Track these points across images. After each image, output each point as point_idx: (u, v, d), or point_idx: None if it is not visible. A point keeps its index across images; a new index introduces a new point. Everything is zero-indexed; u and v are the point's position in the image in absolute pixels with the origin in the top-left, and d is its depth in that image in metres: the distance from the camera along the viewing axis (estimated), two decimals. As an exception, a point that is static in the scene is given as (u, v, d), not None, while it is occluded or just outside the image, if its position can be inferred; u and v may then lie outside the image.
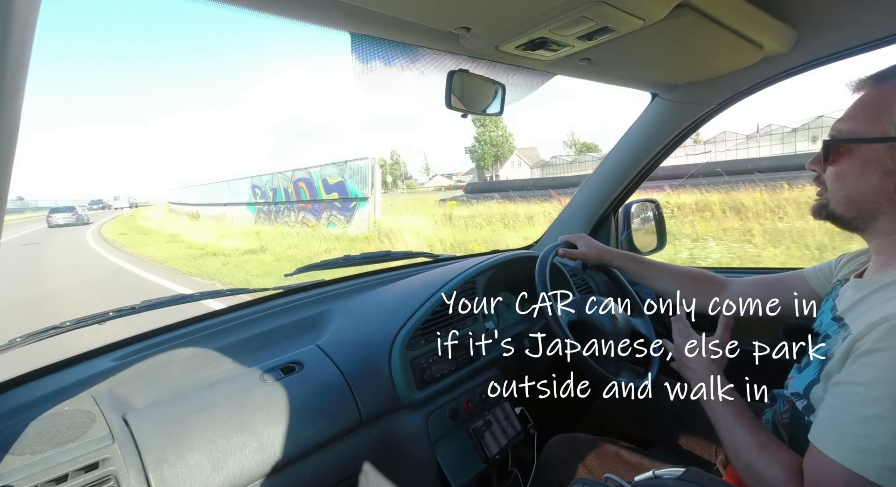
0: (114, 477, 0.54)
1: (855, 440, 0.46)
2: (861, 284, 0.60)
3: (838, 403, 0.50)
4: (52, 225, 20.70)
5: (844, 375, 0.50)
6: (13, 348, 0.69)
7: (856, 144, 0.56)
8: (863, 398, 0.47)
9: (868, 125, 0.55)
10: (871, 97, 0.56)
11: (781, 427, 0.63)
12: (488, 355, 1.00)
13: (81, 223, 21.44)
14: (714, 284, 0.94)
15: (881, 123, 0.53)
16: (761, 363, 1.16)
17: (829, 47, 0.88)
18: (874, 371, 0.47)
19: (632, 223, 1.44)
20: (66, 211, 21.85)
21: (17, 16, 0.30)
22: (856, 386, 0.48)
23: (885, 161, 0.53)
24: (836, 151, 0.58)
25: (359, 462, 0.77)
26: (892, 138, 0.53)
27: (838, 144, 0.57)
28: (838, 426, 0.49)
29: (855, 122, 0.56)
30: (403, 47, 0.79)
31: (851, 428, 0.47)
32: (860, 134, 0.55)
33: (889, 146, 0.53)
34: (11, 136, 0.35)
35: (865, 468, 0.45)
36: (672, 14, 0.69)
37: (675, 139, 1.23)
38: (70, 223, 20.96)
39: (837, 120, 0.59)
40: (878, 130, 0.54)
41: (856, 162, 0.56)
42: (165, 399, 0.66)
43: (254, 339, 0.85)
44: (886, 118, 0.53)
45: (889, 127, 0.53)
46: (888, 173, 0.53)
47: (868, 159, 0.55)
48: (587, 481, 0.45)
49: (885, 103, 0.54)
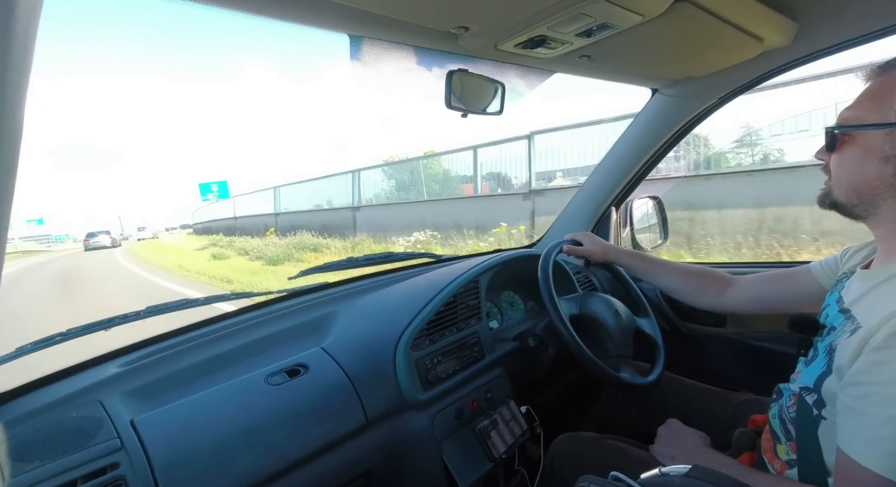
0: (123, 483, 0.55)
1: (883, 443, 0.45)
2: (868, 275, 0.59)
3: (859, 406, 0.49)
4: (88, 248, 22.85)
5: (858, 374, 0.50)
6: (21, 355, 0.70)
7: (857, 130, 0.56)
8: (884, 398, 0.46)
9: (870, 112, 0.55)
10: (876, 85, 0.56)
11: (788, 422, 0.63)
12: (493, 354, 1.00)
13: (114, 246, 23.38)
14: (720, 281, 0.94)
15: (882, 110, 0.54)
16: (764, 359, 1.16)
17: (829, 39, 0.88)
18: (891, 369, 0.46)
19: (634, 220, 1.44)
20: (101, 234, 24.30)
21: (19, 23, 0.30)
22: (874, 386, 0.47)
23: (885, 147, 0.54)
24: (839, 138, 0.58)
25: (366, 463, 0.77)
26: (889, 124, 0.53)
27: (841, 132, 0.58)
28: (863, 430, 0.47)
29: (860, 109, 0.57)
30: (402, 48, 0.79)
31: (877, 431, 0.46)
32: (863, 121, 0.56)
33: (888, 132, 0.53)
34: (14, 142, 0.35)
35: (894, 470, 0.44)
36: (671, 9, 0.69)
37: (677, 134, 1.23)
38: (105, 246, 22.97)
39: (844, 108, 0.59)
40: (878, 117, 0.54)
41: (857, 149, 0.56)
42: (172, 404, 0.67)
43: (258, 342, 0.86)
44: (887, 104, 0.53)
45: (889, 113, 0.53)
46: (887, 159, 0.54)
47: (868, 146, 0.55)
48: (593, 479, 0.45)
49: (887, 91, 0.54)
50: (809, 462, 0.57)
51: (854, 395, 0.50)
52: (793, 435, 0.62)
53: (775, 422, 0.67)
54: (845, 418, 0.51)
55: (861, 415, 0.48)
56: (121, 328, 0.79)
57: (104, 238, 23.51)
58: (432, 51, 0.81)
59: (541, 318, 1.11)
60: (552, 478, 0.86)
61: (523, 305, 1.25)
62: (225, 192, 18.89)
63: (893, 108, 0.53)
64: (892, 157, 0.53)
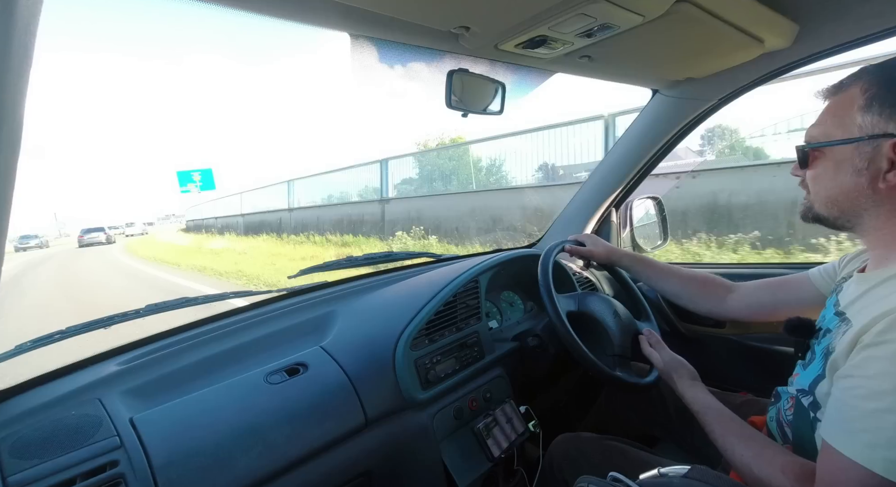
0: (122, 481, 0.55)
1: (864, 434, 0.47)
2: (863, 278, 0.60)
3: (845, 397, 0.50)
4: (83, 244, 22.20)
5: (849, 368, 0.51)
6: (21, 353, 0.70)
7: (825, 147, 0.59)
8: (869, 392, 0.47)
9: (835, 129, 0.58)
10: (834, 103, 0.59)
11: (786, 425, 0.63)
12: (492, 354, 1.00)
13: (109, 243, 22.83)
14: (720, 287, 0.94)
15: (845, 126, 0.57)
16: (764, 361, 1.16)
17: (830, 40, 0.88)
18: (879, 364, 0.47)
19: (634, 221, 1.44)
20: (96, 231, 23.58)
21: (19, 24, 0.30)
22: (861, 380, 0.49)
23: (855, 160, 0.56)
24: (811, 155, 0.61)
25: (365, 462, 0.77)
26: (855, 139, 0.55)
27: (811, 149, 0.61)
28: (847, 420, 0.49)
29: (824, 126, 0.60)
30: (403, 47, 0.79)
31: (860, 423, 0.47)
32: (829, 137, 0.59)
33: (854, 146, 0.56)
34: (14, 142, 0.36)
35: (873, 461, 0.45)
36: (672, 10, 0.69)
37: (677, 135, 1.23)
38: (100, 243, 22.37)
39: (810, 126, 0.62)
40: (843, 133, 0.57)
41: (829, 163, 0.59)
42: (172, 402, 0.67)
43: (258, 341, 0.86)
44: (849, 121, 0.56)
45: (853, 128, 0.56)
46: (859, 171, 0.56)
47: (839, 160, 0.58)
48: (592, 479, 0.45)
49: (846, 108, 0.57)
50: None
51: (842, 387, 0.51)
52: (790, 438, 0.62)
53: (773, 425, 0.67)
54: (831, 408, 0.52)
55: (845, 406, 0.50)
56: (120, 325, 0.79)
57: (99, 235, 23.10)
58: (433, 50, 0.81)
59: (540, 318, 1.11)
60: (551, 478, 0.87)
61: (523, 305, 1.25)
62: (209, 182, 15.95)
63: (856, 123, 0.55)
64: (863, 169, 0.55)
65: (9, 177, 0.36)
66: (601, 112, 6.15)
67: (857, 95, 0.56)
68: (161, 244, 16.43)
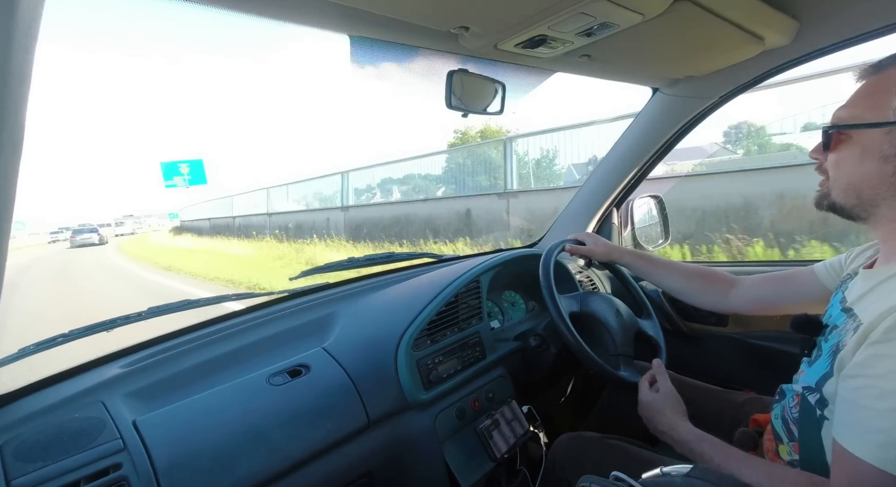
0: (126, 483, 0.55)
1: (876, 434, 0.46)
2: (870, 274, 0.59)
3: (855, 398, 0.49)
4: (75, 245, 21.87)
5: (858, 367, 0.50)
6: (24, 356, 0.70)
7: (854, 129, 0.56)
8: (880, 391, 0.47)
9: (867, 111, 0.55)
10: (871, 84, 0.56)
11: (791, 422, 0.63)
12: (494, 354, 1.00)
13: (102, 243, 22.51)
14: (723, 282, 0.94)
15: (880, 109, 0.53)
16: (767, 359, 1.16)
17: (830, 38, 0.88)
18: (888, 362, 0.47)
19: (635, 219, 1.44)
20: (88, 232, 23.26)
21: (20, 26, 0.30)
22: (871, 379, 0.48)
23: (883, 146, 0.53)
24: (835, 138, 0.58)
25: (367, 463, 0.77)
26: (889, 123, 0.52)
27: (837, 131, 0.57)
28: (858, 422, 0.48)
29: (855, 108, 0.57)
30: (403, 48, 0.79)
31: (871, 423, 0.47)
32: (859, 120, 0.55)
33: (887, 131, 0.53)
34: (16, 143, 0.36)
35: (887, 462, 0.44)
36: (672, 8, 0.69)
37: (678, 134, 1.23)
38: (93, 243, 22.04)
39: (838, 108, 0.59)
40: (876, 116, 0.54)
41: (855, 148, 0.56)
42: (174, 405, 0.67)
43: (260, 343, 0.86)
44: (885, 104, 0.53)
45: (887, 112, 0.53)
46: (886, 158, 0.53)
47: (866, 145, 0.55)
48: (595, 479, 0.45)
49: (884, 90, 0.54)
50: (812, 463, 0.57)
51: (851, 387, 0.50)
52: (795, 436, 0.62)
53: (778, 423, 0.67)
54: (841, 409, 0.51)
55: (856, 407, 0.49)
56: (123, 328, 0.79)
57: (92, 236, 22.71)
58: (432, 50, 0.81)
59: (542, 318, 1.11)
60: (554, 478, 0.86)
61: (524, 305, 1.25)
62: (200, 175, 13.80)
63: (891, 107, 0.52)
64: (891, 156, 0.53)
65: (11, 178, 0.36)
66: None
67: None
68: (153, 246, 15.87)
